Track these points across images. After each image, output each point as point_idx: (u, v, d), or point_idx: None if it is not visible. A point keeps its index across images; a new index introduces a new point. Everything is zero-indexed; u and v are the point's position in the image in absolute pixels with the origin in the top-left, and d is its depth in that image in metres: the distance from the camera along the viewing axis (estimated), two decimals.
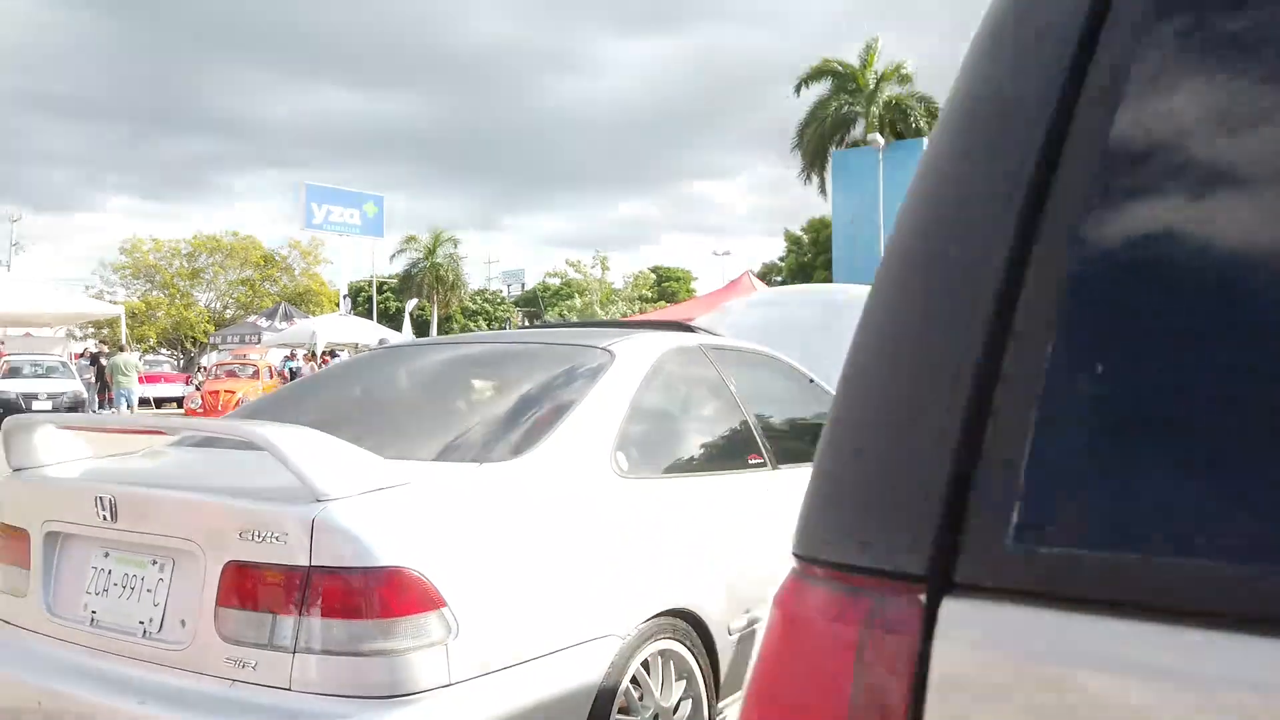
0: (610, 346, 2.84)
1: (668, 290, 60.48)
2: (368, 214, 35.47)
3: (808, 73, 35.41)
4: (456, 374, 3.12)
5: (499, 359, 3.17)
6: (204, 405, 21.26)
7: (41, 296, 26.40)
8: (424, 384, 3.11)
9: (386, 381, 3.24)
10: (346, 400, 3.16)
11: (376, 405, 3.07)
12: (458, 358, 3.28)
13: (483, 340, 3.48)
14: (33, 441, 2.56)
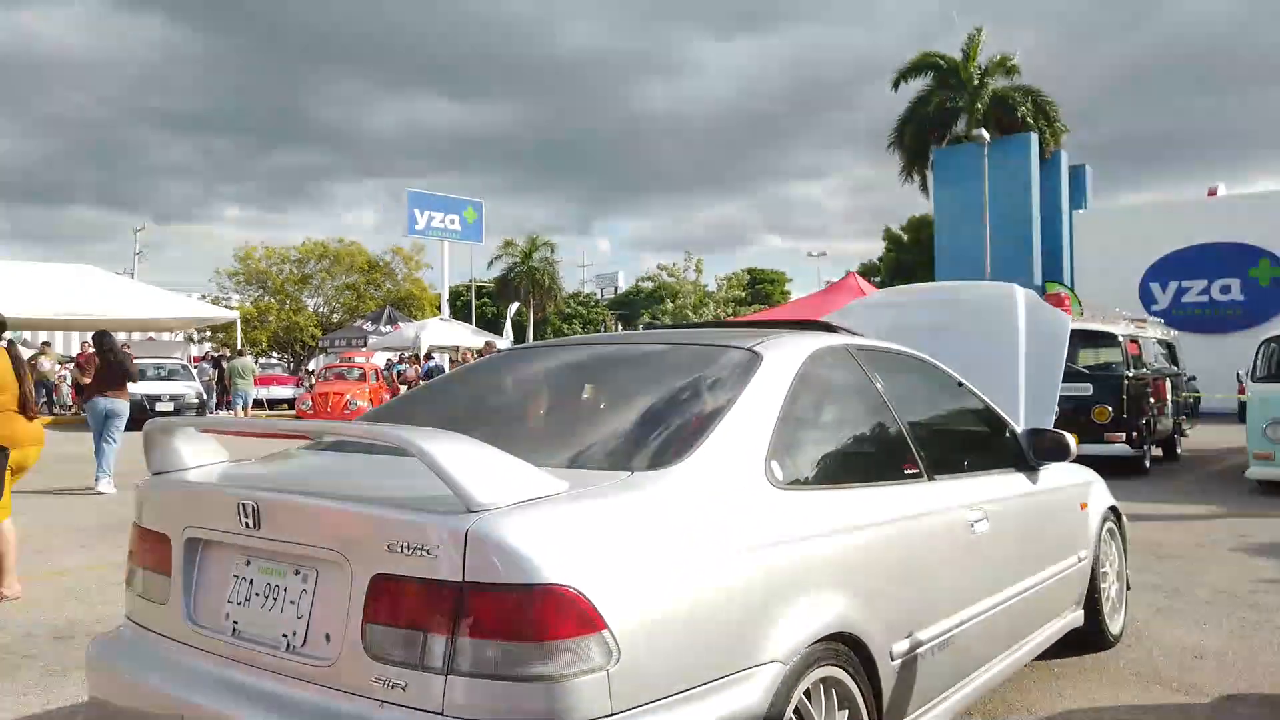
0: (756, 347, 2.66)
1: (761, 292, 59.81)
2: (467, 219, 36.05)
3: (906, 67, 34.45)
4: (593, 376, 2.97)
5: (637, 360, 3.00)
6: (314, 407, 21.89)
7: (163, 302, 27.64)
8: (559, 386, 2.98)
9: (519, 384, 3.12)
10: (480, 403, 3.05)
11: (511, 408, 2.96)
12: (593, 359, 3.14)
13: (617, 341, 3.31)
14: (173, 445, 2.52)
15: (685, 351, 2.90)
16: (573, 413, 2.72)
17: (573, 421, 2.63)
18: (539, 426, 2.66)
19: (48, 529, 7.40)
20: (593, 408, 2.70)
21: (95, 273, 28.10)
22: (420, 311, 40.19)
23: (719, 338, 2.98)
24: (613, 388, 2.81)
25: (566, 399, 2.88)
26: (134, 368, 10.47)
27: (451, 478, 1.78)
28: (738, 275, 47.45)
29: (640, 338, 3.34)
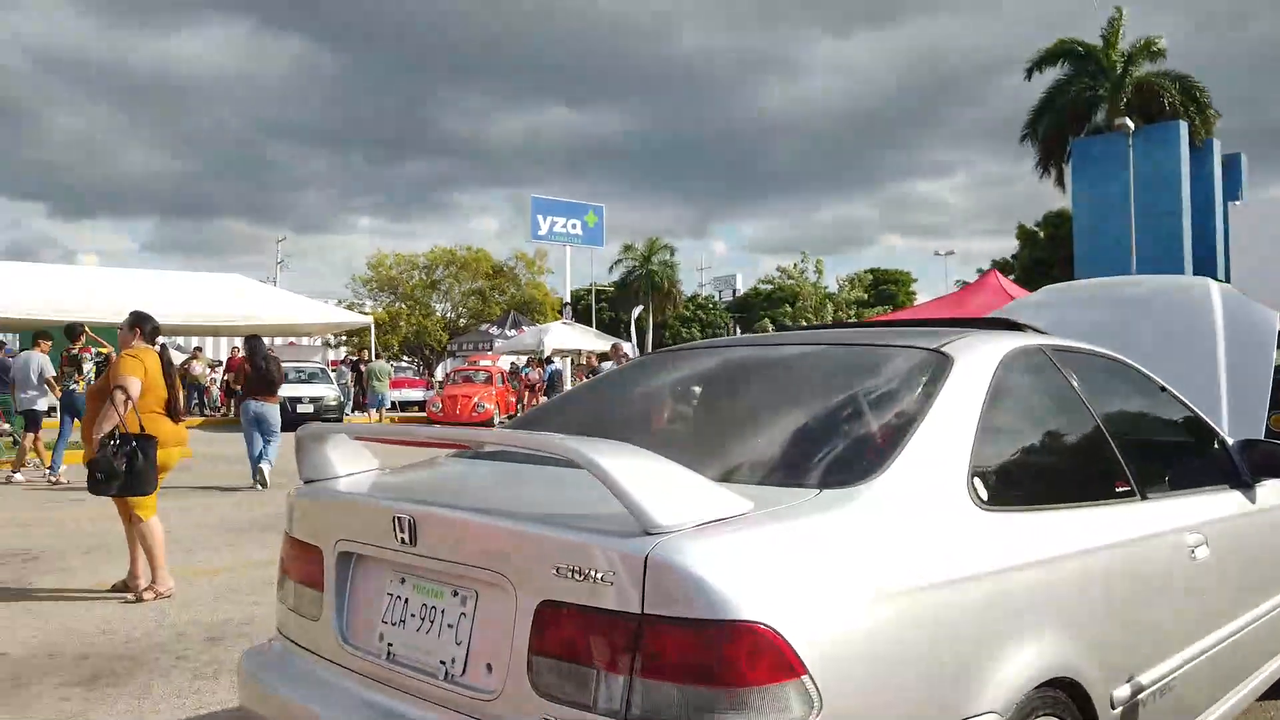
0: (944, 349, 2.37)
1: (885, 293, 58.16)
2: (588, 224, 36.31)
3: (1041, 56, 32.90)
4: (758, 380, 2.72)
5: (806, 363, 2.72)
6: (444, 409, 22.40)
7: (303, 309, 28.91)
8: (722, 391, 2.73)
9: (677, 389, 2.89)
10: (636, 410, 2.85)
11: (670, 416, 2.74)
12: (755, 361, 2.87)
13: (778, 341, 3.04)
14: (325, 452, 2.42)
15: (859, 353, 2.63)
16: (740, 421, 2.46)
17: (741, 431, 2.37)
18: (703, 436, 2.42)
19: (198, 528, 7.67)
20: (762, 415, 2.43)
21: (242, 281, 29.65)
22: (543, 316, 40.77)
23: (893, 338, 2.69)
24: (782, 393, 2.54)
25: (731, 405, 2.62)
26: (280, 374, 10.97)
27: (628, 495, 1.58)
28: (860, 276, 46.15)
29: (804, 338, 3.04)
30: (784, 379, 2.66)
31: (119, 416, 5.20)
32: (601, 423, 2.64)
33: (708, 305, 67.85)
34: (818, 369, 2.62)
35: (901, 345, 2.50)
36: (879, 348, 2.58)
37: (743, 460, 2.13)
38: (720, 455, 2.17)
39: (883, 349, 2.55)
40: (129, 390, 5.27)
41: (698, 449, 2.27)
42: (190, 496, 9.67)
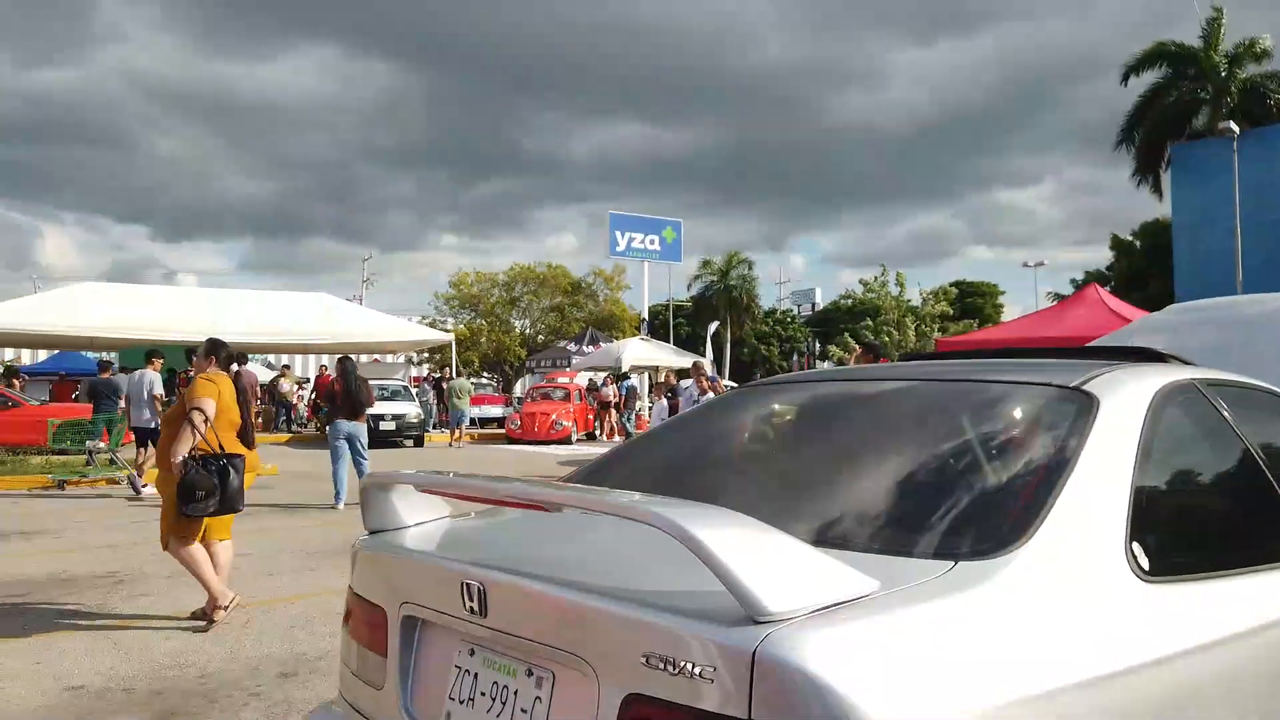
0: (1085, 386, 2.05)
1: (972, 306, 56.53)
2: (666, 239, 36.19)
3: (1137, 59, 31.63)
4: (871, 421, 2.41)
5: (926, 402, 2.39)
6: (523, 427, 22.44)
7: (387, 326, 29.42)
8: (828, 435, 2.41)
9: (777, 430, 2.61)
10: (730, 454, 2.56)
11: (770, 463, 2.42)
12: (866, 398, 2.55)
13: (891, 376, 2.72)
14: (390, 501, 2.23)
15: (982, 391, 2.31)
16: (849, 471, 2.15)
17: (852, 484, 2.07)
18: (807, 489, 2.13)
19: (279, 551, 7.66)
20: (875, 465, 2.14)
21: (328, 299, 30.33)
22: (621, 332, 40.77)
23: (1020, 372, 2.38)
24: (896, 438, 2.23)
25: (838, 452, 2.30)
26: (370, 395, 11.12)
27: (732, 575, 1.33)
28: (945, 289, 44.93)
29: (914, 371, 2.71)
30: (897, 421, 2.34)
31: (199, 437, 5.19)
32: (688, 470, 2.39)
33: (785, 320, 66.98)
34: (936, 410, 2.29)
35: (1033, 382, 2.20)
36: (1006, 384, 2.27)
37: (856, 522, 1.85)
38: (828, 515, 1.89)
39: (1011, 386, 2.24)
40: (206, 411, 5.26)
41: (801, 505, 1.99)
42: (272, 516, 9.74)
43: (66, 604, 5.83)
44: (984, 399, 2.25)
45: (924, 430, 2.21)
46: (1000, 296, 64.61)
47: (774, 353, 61.39)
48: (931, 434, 2.17)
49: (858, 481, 2.08)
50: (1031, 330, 12.66)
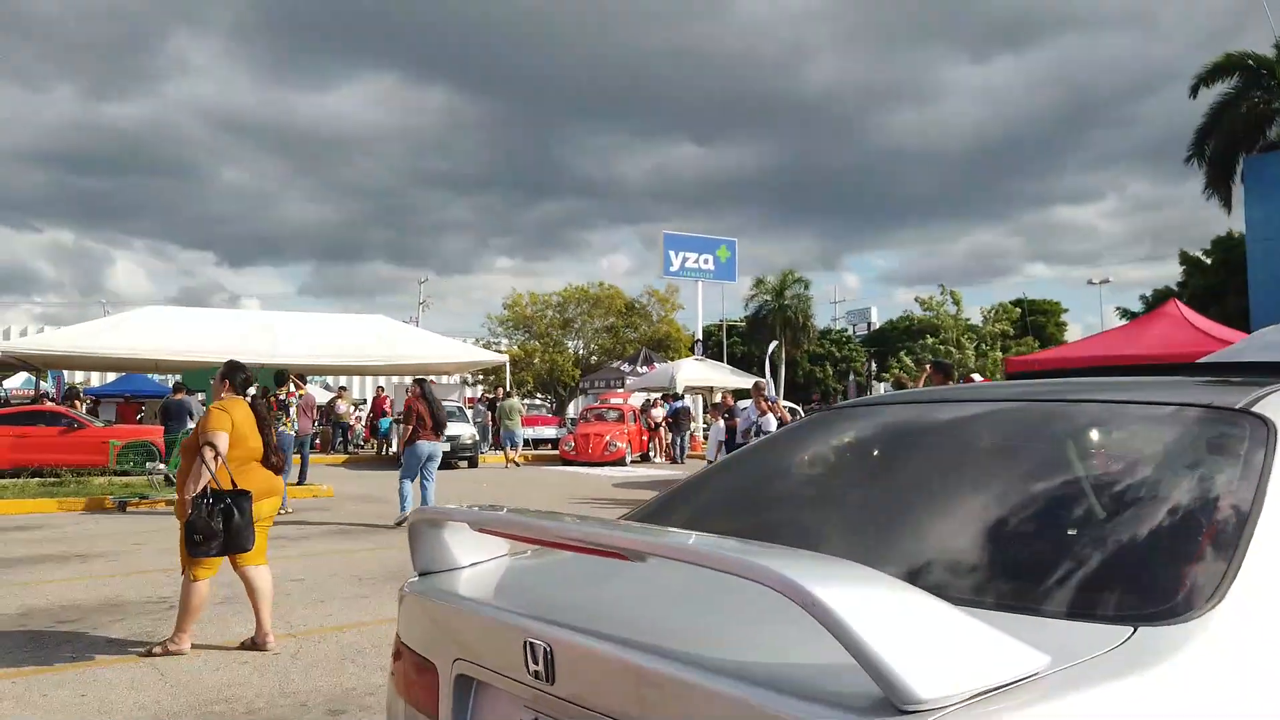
0: (1256, 408, 1.72)
1: (1034, 324, 55.15)
2: (720, 258, 35.97)
3: (1207, 70, 30.68)
4: (988, 450, 2.07)
5: (1050, 426, 2.04)
6: (576, 449, 22.24)
7: (442, 347, 29.58)
8: (940, 466, 2.07)
9: (876, 459, 2.30)
10: (826, 488, 2.24)
11: (874, 499, 2.07)
12: (975, 422, 2.18)
13: (1003, 396, 2.34)
14: (442, 539, 1.99)
15: (1120, 412, 1.99)
16: (981, 512, 1.81)
17: (987, 528, 1.72)
18: (934, 534, 1.79)
19: (331, 576, 7.51)
20: (1011, 504, 1.79)
21: (385, 322, 30.62)
22: (676, 353, 40.51)
23: (1159, 391, 2.05)
24: (1031, 470, 1.90)
25: (962, 487, 1.95)
26: (445, 416, 11.50)
27: (868, 650, 1.05)
28: (1005, 307, 43.84)
29: (1029, 391, 2.36)
30: (1026, 448, 1.99)
31: (210, 473, 5.03)
32: (778, 507, 2.10)
33: (841, 340, 66.08)
34: (1071, 435, 1.95)
35: (1185, 403, 1.87)
36: (1151, 406, 1.94)
37: (997, 575, 1.55)
38: (960, 565, 1.59)
39: (1158, 408, 1.92)
40: (217, 446, 5.11)
41: (924, 554, 1.67)
42: (325, 539, 9.63)
43: (115, 633, 5.71)
44: (1127, 422, 1.93)
45: (1061, 460, 1.87)
46: (1063, 314, 63.06)
47: (829, 373, 60.50)
48: (1072, 464, 1.84)
49: (990, 524, 1.75)
50: (1109, 348, 12.07)
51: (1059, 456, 1.89)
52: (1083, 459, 1.85)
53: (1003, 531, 1.71)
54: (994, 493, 1.86)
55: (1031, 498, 1.79)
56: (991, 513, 1.78)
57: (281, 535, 9.85)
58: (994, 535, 1.70)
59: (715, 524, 1.97)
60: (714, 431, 13.95)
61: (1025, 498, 1.80)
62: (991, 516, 1.77)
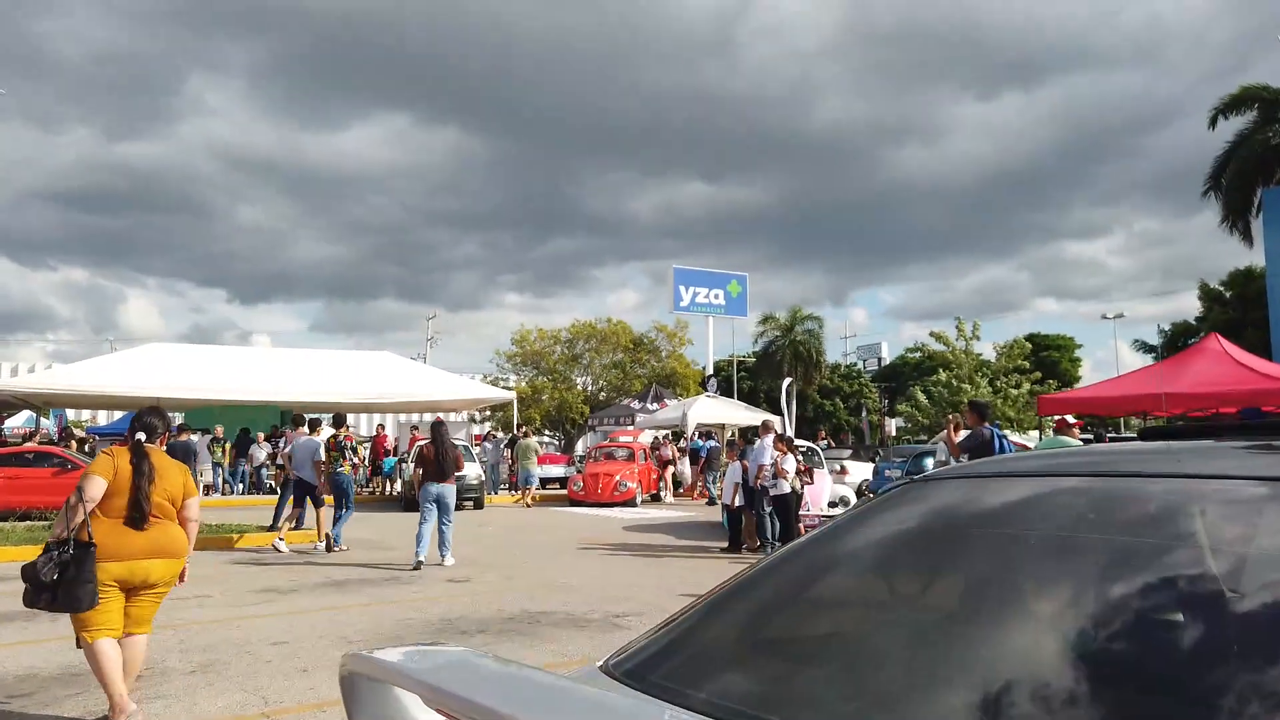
0: None
1: (1046, 360, 54.48)
2: (731, 293, 35.55)
3: (1224, 103, 30.56)
4: (1111, 548, 1.46)
5: (1186, 512, 1.44)
6: (585, 489, 21.63)
7: (449, 384, 29.15)
8: (1098, 569, 1.46)
9: (968, 559, 1.66)
10: (948, 598, 1.60)
11: (1015, 618, 1.49)
12: (1090, 507, 1.56)
13: (1114, 469, 1.66)
14: (391, 702, 1.41)
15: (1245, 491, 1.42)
16: (1151, 634, 1.26)
17: (1125, 647, 1.19)
18: (1094, 665, 1.24)
19: (317, 639, 6.92)
20: (1152, 619, 1.25)
21: (392, 359, 30.25)
22: (685, 389, 39.96)
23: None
24: (1169, 575, 1.33)
25: (1123, 596, 1.38)
26: (460, 459, 11.83)
27: None
28: (1019, 342, 43.21)
29: (1142, 461, 1.74)
30: (1155, 545, 1.43)
31: (67, 520, 4.52)
32: (846, 628, 1.53)
33: (851, 375, 65.46)
34: (1200, 525, 1.38)
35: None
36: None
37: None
38: (1092, 695, 1.04)
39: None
40: (86, 491, 4.59)
41: (1060, 681, 1.13)
42: (316, 594, 9.05)
43: (69, 710, 5.13)
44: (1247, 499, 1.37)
45: (1183, 558, 1.31)
46: (1077, 349, 62.37)
47: (840, 408, 59.81)
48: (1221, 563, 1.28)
49: (1114, 640, 1.19)
50: (1151, 385, 11.46)
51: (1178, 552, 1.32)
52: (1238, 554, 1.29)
53: (1113, 652, 1.15)
54: (1101, 598, 1.29)
55: (1196, 609, 1.23)
56: (1146, 634, 1.22)
57: (271, 587, 9.29)
58: (1104, 657, 1.14)
59: (768, 660, 1.42)
60: (731, 472, 13.37)
61: (1141, 604, 1.24)
62: (1146, 638, 1.21)
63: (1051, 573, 1.45)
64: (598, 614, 7.87)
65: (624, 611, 7.97)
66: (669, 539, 14.39)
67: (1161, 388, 10.50)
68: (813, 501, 13.68)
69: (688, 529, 15.90)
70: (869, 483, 21.19)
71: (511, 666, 1.34)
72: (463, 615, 7.81)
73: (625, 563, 11.53)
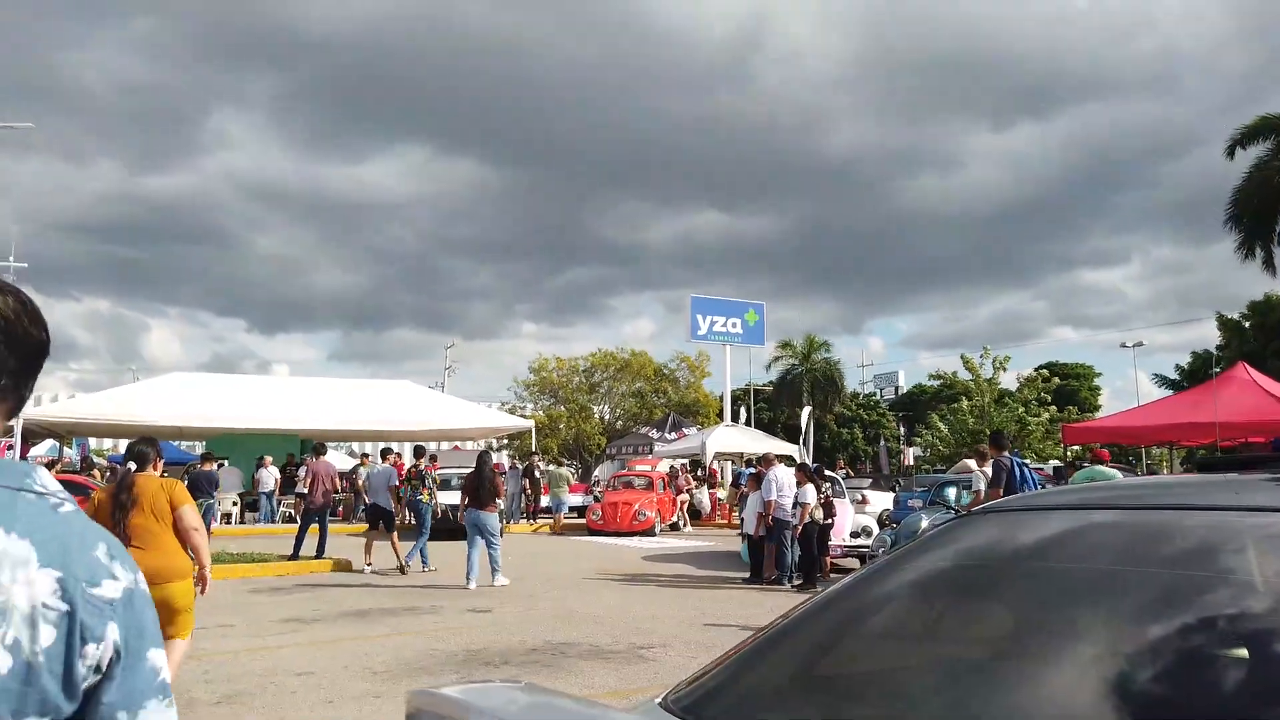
0: None
1: (1066, 389, 54.07)
2: (748, 322, 35.50)
3: (1242, 132, 30.52)
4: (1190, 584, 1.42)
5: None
6: (604, 518, 21.55)
7: (467, 413, 29.20)
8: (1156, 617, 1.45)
9: (1030, 595, 1.59)
10: (964, 643, 1.62)
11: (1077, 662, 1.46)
12: (1151, 539, 1.53)
13: (1244, 504, 1.54)
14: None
15: None
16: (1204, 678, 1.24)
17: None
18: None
19: (341, 669, 6.91)
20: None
21: (410, 388, 30.35)
22: (704, 419, 39.88)
23: None
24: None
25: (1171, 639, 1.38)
26: (501, 487, 12.82)
27: None
28: (1040, 372, 42.88)
29: (1203, 495, 1.70)
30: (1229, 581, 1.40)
31: None
32: (897, 679, 1.49)
33: (869, 403, 65.15)
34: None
35: None
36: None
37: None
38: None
39: None
40: None
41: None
42: (340, 624, 9.04)
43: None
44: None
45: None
46: (1096, 378, 61.89)
47: (858, 436, 59.44)
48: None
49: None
50: (1180, 414, 11.33)
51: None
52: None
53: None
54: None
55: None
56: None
57: (294, 617, 9.29)
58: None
59: (824, 697, 1.41)
60: (753, 501, 13.31)
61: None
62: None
63: (1118, 611, 1.43)
64: (622, 645, 7.82)
65: (648, 643, 7.92)
66: (689, 569, 14.30)
67: (1193, 417, 10.38)
68: (835, 532, 13.59)
69: (708, 559, 15.80)
70: (890, 512, 21.00)
71: (580, 703, 1.34)
72: (485, 647, 7.78)
73: (647, 593, 11.46)
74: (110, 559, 1.06)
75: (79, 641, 0.99)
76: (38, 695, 0.96)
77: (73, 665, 0.99)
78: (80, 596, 1.00)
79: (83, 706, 1.00)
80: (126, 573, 1.07)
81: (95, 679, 1.01)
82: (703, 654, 7.00)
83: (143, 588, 1.10)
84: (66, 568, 1.00)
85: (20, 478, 1.05)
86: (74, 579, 1.00)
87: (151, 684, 1.07)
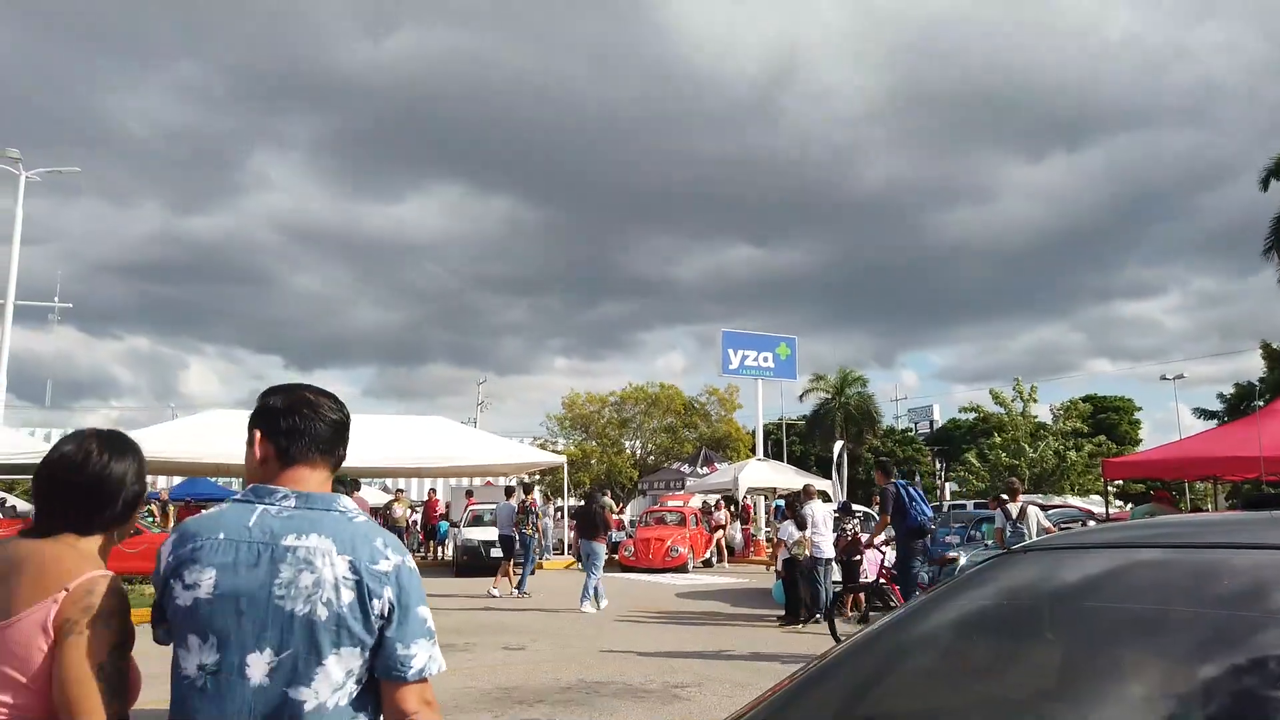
0: None
1: (1106, 422, 53.23)
2: (780, 356, 35.37)
3: (1275, 163, 30.24)
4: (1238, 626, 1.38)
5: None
6: (636, 554, 21.45)
7: (500, 449, 29.25)
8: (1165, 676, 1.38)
9: (1078, 632, 1.57)
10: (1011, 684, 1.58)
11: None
12: (1201, 578, 1.48)
13: (1237, 540, 1.58)
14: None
15: None
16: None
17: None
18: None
19: None
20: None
21: (444, 423, 30.45)
22: (735, 453, 39.69)
23: None
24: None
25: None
26: (610, 520, 15.78)
27: None
28: (1076, 403, 42.27)
29: (1251, 532, 1.69)
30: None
31: None
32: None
33: (905, 438, 64.50)
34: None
35: None
36: None
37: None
38: None
39: None
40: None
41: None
42: None
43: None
44: None
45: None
46: (1137, 412, 60.86)
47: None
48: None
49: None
50: (1223, 448, 11.10)
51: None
52: None
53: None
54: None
55: None
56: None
57: None
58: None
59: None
60: (781, 536, 13.27)
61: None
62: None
63: (1165, 652, 1.41)
64: (656, 684, 7.76)
65: (682, 682, 7.84)
66: (723, 606, 14.17)
67: (1237, 451, 10.17)
68: (870, 567, 13.43)
69: (742, 596, 15.65)
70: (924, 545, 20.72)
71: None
72: (519, 685, 7.75)
73: (680, 631, 11.37)
74: (384, 547, 1.65)
75: (368, 598, 1.59)
76: (347, 632, 1.58)
77: (367, 612, 1.60)
78: (365, 571, 1.61)
79: (378, 641, 1.60)
80: (396, 555, 1.66)
81: (381, 623, 1.61)
82: (738, 693, 6.93)
83: (409, 564, 1.68)
84: (355, 553, 1.62)
85: (329, 502, 1.70)
86: (360, 560, 1.61)
87: (421, 628, 1.65)
